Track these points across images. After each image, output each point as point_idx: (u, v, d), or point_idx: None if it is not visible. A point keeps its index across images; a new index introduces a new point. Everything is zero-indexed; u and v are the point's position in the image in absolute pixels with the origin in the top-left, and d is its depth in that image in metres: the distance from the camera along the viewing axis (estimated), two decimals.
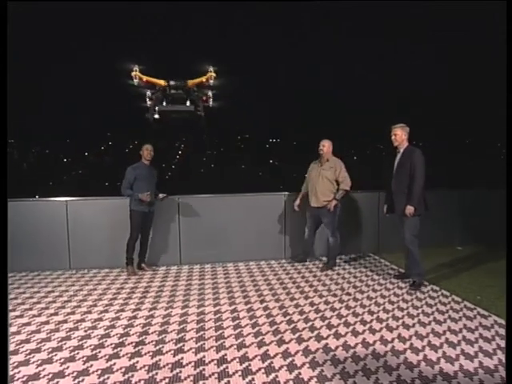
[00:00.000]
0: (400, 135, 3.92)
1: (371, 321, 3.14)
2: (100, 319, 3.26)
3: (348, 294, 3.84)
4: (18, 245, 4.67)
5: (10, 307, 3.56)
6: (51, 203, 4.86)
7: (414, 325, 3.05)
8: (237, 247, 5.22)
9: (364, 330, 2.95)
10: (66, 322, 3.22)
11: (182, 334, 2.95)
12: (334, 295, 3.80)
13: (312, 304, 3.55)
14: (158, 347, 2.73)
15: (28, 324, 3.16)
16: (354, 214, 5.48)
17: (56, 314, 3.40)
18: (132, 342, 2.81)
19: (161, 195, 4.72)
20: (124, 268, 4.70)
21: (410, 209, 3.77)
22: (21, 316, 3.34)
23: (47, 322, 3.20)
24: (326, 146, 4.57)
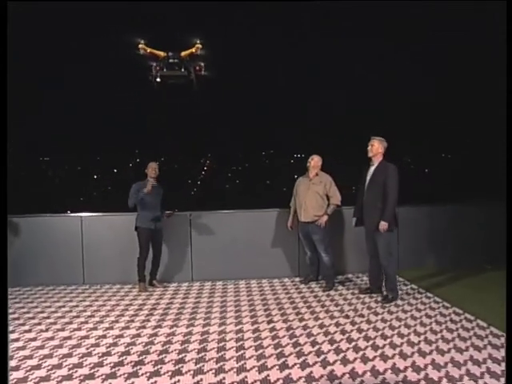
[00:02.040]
0: (376, 147, 3.98)
1: (383, 346, 2.91)
2: (104, 336, 3.23)
3: (361, 315, 3.62)
4: (34, 259, 4.80)
5: (21, 321, 3.61)
6: (67, 219, 4.99)
7: (431, 352, 2.80)
8: (249, 264, 5.10)
9: (375, 357, 2.74)
10: (70, 338, 3.21)
11: (183, 354, 2.86)
12: (347, 316, 3.59)
13: (321, 326, 3.36)
14: (156, 368, 2.65)
15: (34, 339, 3.18)
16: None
17: (62, 329, 3.41)
18: (131, 362, 2.75)
19: (167, 212, 4.73)
20: (135, 284, 4.70)
21: (383, 224, 3.81)
22: (29, 331, 3.37)
23: (52, 338, 3.20)
24: (314, 160, 4.54)
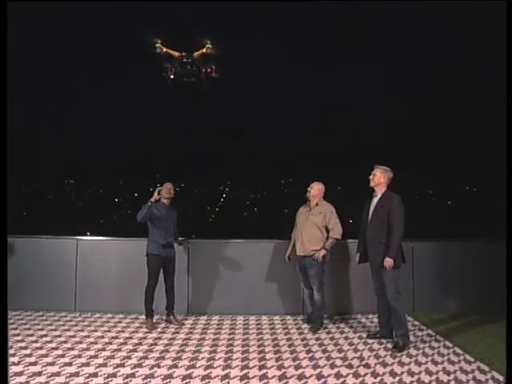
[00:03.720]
0: (378, 177, 3.68)
1: None
2: (76, 374, 2.93)
3: (367, 366, 3.16)
4: (26, 282, 4.62)
5: None
6: (62, 241, 4.84)
7: None
8: (249, 299, 4.73)
9: None
10: (40, 374, 2.92)
11: None
12: (350, 366, 3.14)
13: (319, 377, 2.94)
14: None
15: None
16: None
17: (35, 363, 3.13)
18: None
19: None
20: (127, 314, 4.44)
21: (389, 261, 3.47)
22: None
23: (21, 373, 2.93)
24: (313, 188, 4.19)
